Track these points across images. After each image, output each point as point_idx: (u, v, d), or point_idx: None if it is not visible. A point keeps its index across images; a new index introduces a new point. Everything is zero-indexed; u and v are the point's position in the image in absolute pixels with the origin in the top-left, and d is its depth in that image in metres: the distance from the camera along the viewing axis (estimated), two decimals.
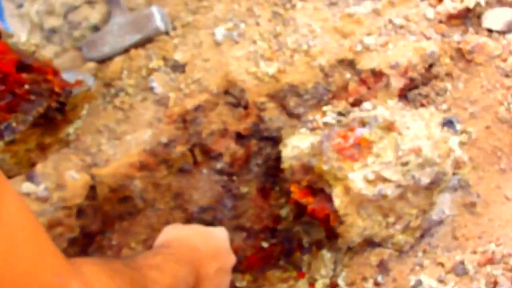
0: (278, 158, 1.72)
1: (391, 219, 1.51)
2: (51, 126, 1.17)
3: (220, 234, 1.51)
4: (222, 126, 1.72)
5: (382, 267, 1.52)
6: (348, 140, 1.47)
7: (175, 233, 1.48)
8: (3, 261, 0.57)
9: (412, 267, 1.50)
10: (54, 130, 1.20)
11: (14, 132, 1.11)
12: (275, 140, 1.72)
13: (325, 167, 1.43)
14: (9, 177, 1.14)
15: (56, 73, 1.13)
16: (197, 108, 1.70)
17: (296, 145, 1.57)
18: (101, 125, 1.73)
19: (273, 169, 1.77)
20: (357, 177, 1.43)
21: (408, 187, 1.46)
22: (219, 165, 1.77)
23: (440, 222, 1.58)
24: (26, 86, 1.10)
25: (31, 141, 1.19)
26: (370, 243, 1.55)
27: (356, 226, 1.45)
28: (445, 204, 1.57)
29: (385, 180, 1.43)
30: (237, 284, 1.72)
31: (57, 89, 1.13)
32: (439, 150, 1.46)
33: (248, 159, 1.78)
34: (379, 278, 1.50)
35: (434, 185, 1.49)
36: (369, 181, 1.43)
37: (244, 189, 1.80)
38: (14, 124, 1.11)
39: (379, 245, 1.56)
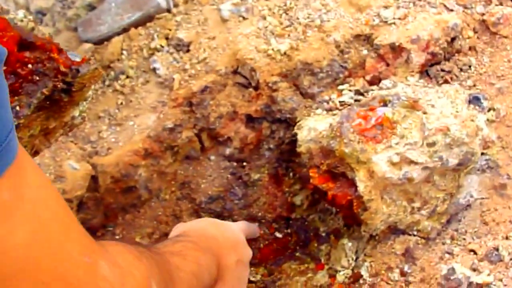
0: (292, 142, 1.65)
1: (417, 204, 1.44)
2: (55, 108, 1.10)
3: (235, 227, 1.45)
4: (231, 109, 1.65)
5: (408, 255, 1.45)
6: (370, 120, 1.40)
7: (190, 225, 1.41)
8: (29, 239, 0.55)
9: (440, 255, 1.43)
10: (59, 113, 1.12)
11: (18, 117, 1.03)
12: (289, 123, 1.65)
13: (346, 150, 1.36)
14: None
15: (60, 50, 1.06)
16: (204, 90, 1.63)
17: (313, 127, 1.50)
18: (100, 111, 1.66)
19: (287, 154, 1.70)
20: (381, 159, 1.36)
21: (435, 169, 1.39)
22: (228, 151, 1.70)
23: (468, 206, 1.51)
24: (30, 66, 1.03)
25: (35, 126, 1.11)
26: (394, 230, 1.49)
27: (381, 212, 1.38)
28: (472, 186, 1.50)
29: (410, 162, 1.36)
30: (251, 278, 1.64)
31: (62, 68, 1.05)
32: (467, 129, 1.39)
33: (260, 144, 1.70)
34: (406, 268, 1.43)
35: (462, 167, 1.42)
36: (393, 164, 1.36)
37: (255, 176, 1.73)
38: (17, 108, 1.03)
39: (403, 232, 1.49)
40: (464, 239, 1.47)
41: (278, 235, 1.75)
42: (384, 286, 1.44)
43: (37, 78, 1.02)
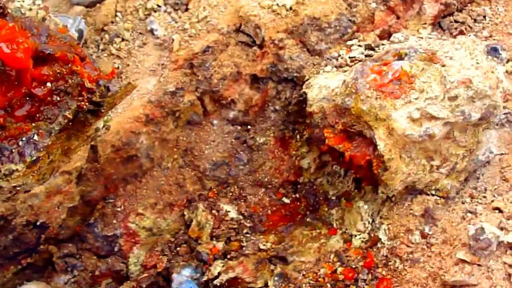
0: (299, 102, 1.57)
1: (436, 162, 1.37)
2: (78, 126, 0.99)
3: None
4: (234, 69, 1.56)
5: (428, 216, 1.38)
6: (386, 75, 1.32)
7: None
8: None
9: (462, 214, 1.37)
10: (82, 130, 1.01)
11: (37, 149, 0.92)
12: (296, 82, 1.57)
13: (364, 107, 1.28)
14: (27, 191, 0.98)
15: (83, 58, 0.93)
16: (206, 50, 1.53)
17: (324, 85, 1.42)
18: None
19: (294, 115, 1.62)
20: (401, 116, 1.28)
21: (456, 125, 1.32)
22: (232, 114, 1.62)
23: (487, 163, 1.44)
24: (48, 85, 0.91)
25: (55, 151, 1.00)
26: (411, 190, 1.42)
27: (401, 172, 1.31)
28: (492, 142, 1.43)
29: (431, 117, 1.29)
30: (261, 246, 1.57)
31: (88, 84, 0.93)
32: (489, 80, 1.31)
33: (265, 105, 1.62)
34: (426, 229, 1.37)
35: (484, 121, 1.35)
36: (414, 120, 1.29)
37: (260, 140, 1.64)
38: (36, 138, 0.92)
39: (421, 192, 1.42)
40: (484, 197, 1.40)
41: (286, 200, 1.68)
42: (405, 249, 1.37)
43: (58, 98, 0.90)
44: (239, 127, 1.64)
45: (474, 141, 1.38)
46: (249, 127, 1.64)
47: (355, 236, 1.49)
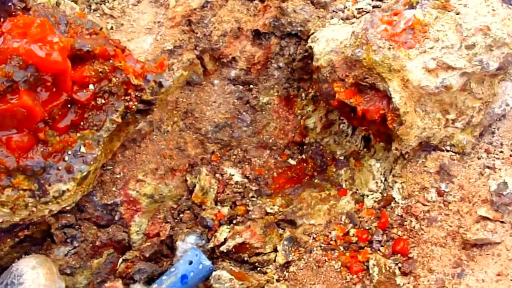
0: (305, 58, 1.49)
1: (452, 116, 1.30)
2: (122, 126, 0.89)
3: None
4: (235, 25, 1.47)
5: (444, 173, 1.31)
6: (398, 24, 1.23)
7: None
8: None
9: (479, 170, 1.30)
10: (125, 128, 0.92)
11: (87, 163, 0.82)
12: (300, 37, 1.49)
13: (376, 58, 1.20)
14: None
15: (123, 50, 0.83)
16: (204, 5, 1.45)
17: (332, 38, 1.33)
18: None
19: (299, 72, 1.54)
20: (416, 66, 1.20)
21: (473, 75, 1.24)
22: (233, 73, 1.54)
23: (502, 117, 1.37)
24: (91, 87, 0.80)
25: (100, 157, 0.90)
26: (425, 147, 1.35)
27: (416, 126, 1.23)
28: (508, 94, 1.36)
29: (448, 67, 1.21)
30: (268, 210, 1.50)
31: (135, 81, 0.83)
32: (507, 28, 1.23)
33: (268, 63, 1.54)
34: (443, 187, 1.29)
35: (501, 71, 1.27)
36: (429, 71, 1.21)
37: (264, 99, 1.56)
38: (83, 149, 0.81)
39: (435, 148, 1.35)
40: (501, 151, 1.33)
41: (292, 162, 1.60)
42: (420, 208, 1.30)
43: (103, 101, 0.80)
44: (241, 87, 1.56)
45: (490, 93, 1.30)
46: (251, 86, 1.56)
47: (367, 196, 1.42)
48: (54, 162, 0.79)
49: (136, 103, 0.83)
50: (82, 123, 0.78)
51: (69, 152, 0.77)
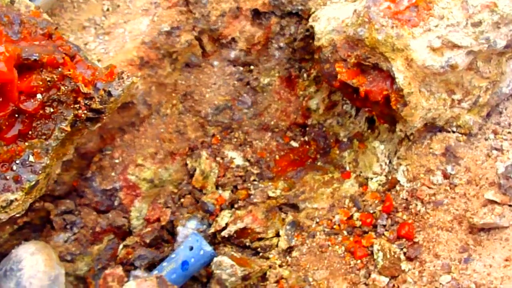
0: (306, 38, 1.45)
1: (458, 96, 1.25)
2: (74, 131, 0.86)
3: None
4: (234, 5, 1.43)
5: (450, 155, 1.27)
6: (401, 2, 1.19)
7: None
8: None
9: (487, 152, 1.26)
10: (78, 133, 0.88)
11: (35, 172, 0.79)
12: (301, 16, 1.45)
13: (379, 37, 1.16)
14: None
15: (73, 56, 0.79)
16: None
17: (333, 16, 1.29)
18: (85, 20, 1.43)
19: (300, 52, 1.50)
20: (420, 45, 1.16)
21: (479, 54, 1.20)
22: (233, 54, 1.50)
23: (510, 96, 1.33)
24: (39, 96, 0.77)
25: (51, 162, 0.87)
26: (430, 128, 1.30)
27: (421, 107, 1.19)
28: None
29: (454, 46, 1.17)
30: (270, 194, 1.46)
31: (84, 89, 0.80)
32: None
33: (268, 43, 1.50)
34: (449, 169, 1.25)
35: (509, 50, 1.23)
36: (434, 50, 1.16)
37: (265, 80, 1.52)
38: (32, 159, 0.78)
39: (440, 130, 1.30)
40: (509, 132, 1.29)
41: (294, 144, 1.57)
42: (426, 191, 1.26)
43: (51, 109, 0.77)
44: (241, 68, 1.52)
45: (498, 72, 1.26)
46: (252, 67, 1.52)
47: (371, 179, 1.38)
48: (1, 172, 0.76)
49: (85, 111, 0.80)
50: (30, 132, 0.75)
51: (17, 162, 0.75)
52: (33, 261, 1.35)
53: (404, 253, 1.23)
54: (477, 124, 1.29)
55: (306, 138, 1.56)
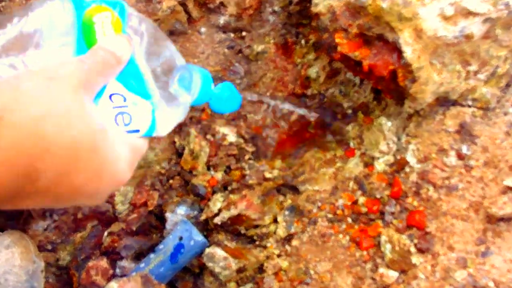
0: (303, 1, 1.35)
1: (473, 67, 1.16)
2: None
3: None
4: None
5: (465, 132, 1.19)
6: None
7: None
8: None
9: (506, 129, 1.18)
10: None
11: None
12: None
13: (383, 5, 1.07)
14: None
15: None
16: None
17: None
18: None
19: (296, 16, 1.41)
20: (431, 13, 1.07)
21: (498, 21, 1.10)
22: (222, 20, 1.41)
23: None
24: None
25: None
26: (443, 102, 1.22)
27: (432, 82, 1.10)
28: None
29: (469, 13, 1.07)
30: (267, 175, 1.39)
31: None
32: None
33: (261, 6, 1.41)
34: (464, 149, 1.17)
35: None
36: (447, 18, 1.07)
37: (258, 48, 1.44)
38: None
39: (454, 103, 1.22)
40: None
41: (293, 117, 1.48)
42: (438, 174, 1.18)
43: None
44: (232, 34, 1.43)
45: None
46: (244, 33, 1.43)
47: (378, 158, 1.30)
48: None
49: None
50: None
51: None
52: (8, 254, 1.29)
53: (415, 245, 1.16)
54: (495, 97, 1.21)
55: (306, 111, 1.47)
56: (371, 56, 1.13)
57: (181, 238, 1.34)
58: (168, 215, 1.40)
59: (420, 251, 1.15)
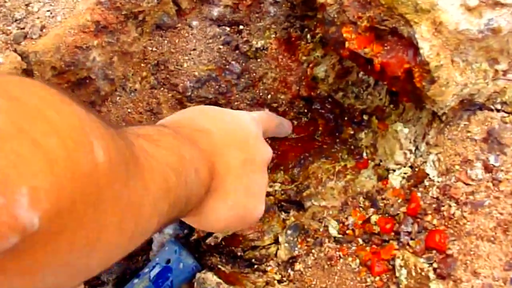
0: None
1: (502, 66, 1.14)
2: None
3: (246, 117, 1.10)
4: None
5: (493, 141, 1.16)
6: None
7: (169, 117, 1.08)
8: None
9: None
10: None
11: None
12: None
13: None
14: None
15: None
16: None
17: None
18: None
19: (302, 7, 1.39)
20: (452, 4, 1.05)
21: None
22: (216, 11, 1.39)
23: None
24: None
25: None
26: (468, 105, 1.19)
27: (453, 83, 1.07)
28: None
29: (495, 4, 1.05)
30: (267, 189, 1.36)
31: None
32: None
33: None
34: (492, 159, 1.15)
35: None
36: (470, 9, 1.05)
37: (258, 43, 1.42)
38: None
39: (481, 107, 1.19)
40: None
41: (296, 122, 1.46)
42: (462, 188, 1.16)
43: None
44: (227, 28, 1.41)
45: None
46: (241, 27, 1.41)
47: (393, 171, 1.28)
48: None
49: None
50: None
51: None
52: None
53: (434, 270, 1.13)
54: None
55: (312, 115, 1.45)
56: (383, 53, 1.11)
57: (168, 261, 1.32)
58: (154, 235, 1.38)
59: (440, 276, 1.12)
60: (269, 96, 1.44)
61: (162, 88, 1.40)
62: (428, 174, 1.21)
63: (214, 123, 1.03)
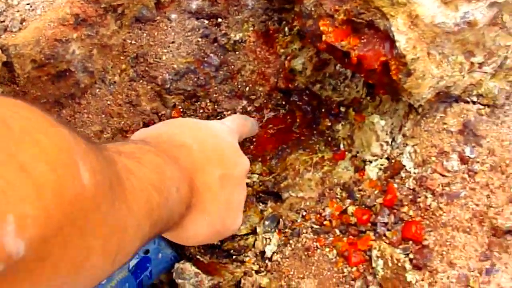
0: None
1: (478, 58, 1.14)
2: None
3: (221, 127, 1.13)
4: None
5: (469, 133, 1.16)
6: None
7: (148, 130, 1.10)
8: None
9: None
10: None
11: None
12: None
13: None
14: None
15: None
16: None
17: None
18: None
19: (279, 1, 1.39)
20: None
21: (506, 6, 1.08)
22: (194, 4, 1.38)
23: None
24: None
25: None
26: (444, 98, 1.19)
27: (430, 75, 1.07)
28: None
29: None
30: (246, 180, 1.35)
31: None
32: None
33: None
34: (467, 151, 1.15)
35: None
36: (446, 3, 1.05)
37: (236, 36, 1.41)
38: None
39: (457, 100, 1.19)
40: None
41: (274, 114, 1.45)
42: (438, 180, 1.15)
43: None
44: (206, 21, 1.40)
45: None
46: (219, 20, 1.40)
47: (370, 162, 1.27)
48: None
49: None
50: None
51: None
52: None
53: (410, 260, 1.13)
54: (503, 92, 1.18)
55: (290, 107, 1.45)
56: (360, 46, 1.10)
57: (147, 251, 1.31)
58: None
59: (416, 267, 1.12)
60: (247, 88, 1.44)
61: (141, 81, 1.39)
62: (404, 166, 1.20)
63: (193, 137, 1.04)
